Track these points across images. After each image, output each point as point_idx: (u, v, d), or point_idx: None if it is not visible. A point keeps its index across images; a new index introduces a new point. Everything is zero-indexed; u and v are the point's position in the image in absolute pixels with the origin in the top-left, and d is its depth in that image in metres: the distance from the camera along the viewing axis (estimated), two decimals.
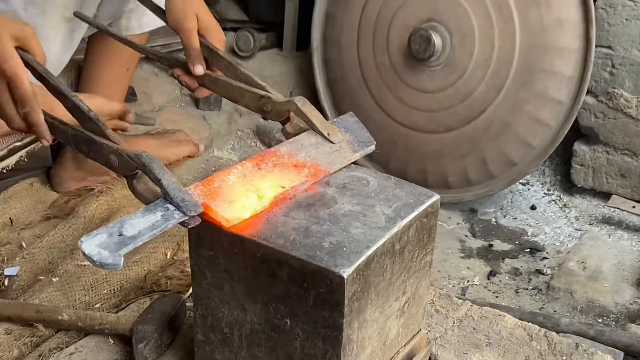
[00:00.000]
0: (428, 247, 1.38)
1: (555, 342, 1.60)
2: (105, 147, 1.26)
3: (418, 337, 1.46)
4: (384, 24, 3.06)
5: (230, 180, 1.28)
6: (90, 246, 1.06)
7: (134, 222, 1.10)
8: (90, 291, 1.74)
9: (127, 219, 1.11)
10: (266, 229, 1.21)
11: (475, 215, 3.02)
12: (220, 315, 1.30)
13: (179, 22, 1.72)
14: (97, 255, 1.05)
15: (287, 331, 1.23)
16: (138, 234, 1.09)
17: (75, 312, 1.61)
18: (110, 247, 1.06)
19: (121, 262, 1.06)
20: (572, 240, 2.81)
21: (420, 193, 1.36)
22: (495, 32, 2.81)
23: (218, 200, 1.22)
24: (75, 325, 1.61)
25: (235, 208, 1.22)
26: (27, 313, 1.64)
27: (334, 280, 1.14)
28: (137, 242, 1.08)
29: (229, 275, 1.26)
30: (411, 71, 3.00)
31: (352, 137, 1.49)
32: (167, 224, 1.12)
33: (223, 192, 1.24)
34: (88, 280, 1.78)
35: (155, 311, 1.55)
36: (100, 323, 1.58)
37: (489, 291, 2.54)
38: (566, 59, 2.77)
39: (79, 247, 1.06)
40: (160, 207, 1.14)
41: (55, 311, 1.63)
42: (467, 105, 2.90)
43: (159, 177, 1.19)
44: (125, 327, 1.55)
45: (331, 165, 1.39)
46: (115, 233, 1.08)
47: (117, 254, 1.06)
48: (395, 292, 1.30)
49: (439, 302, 1.72)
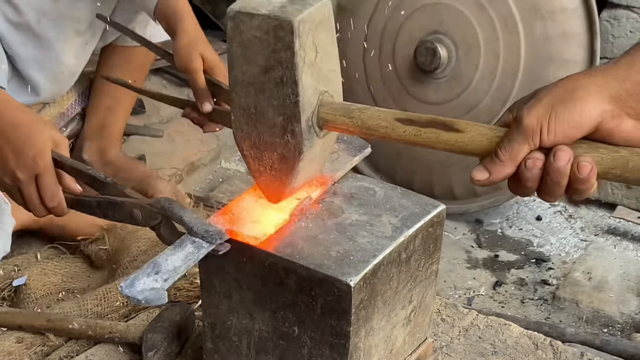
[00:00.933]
0: (434, 257, 1.40)
1: (560, 351, 1.62)
2: (127, 204, 1.33)
3: (424, 346, 1.48)
4: (390, 36, 3.08)
5: (245, 203, 1.32)
6: (134, 291, 1.11)
7: (167, 260, 1.16)
8: (102, 302, 1.76)
9: (158, 258, 1.17)
10: (274, 239, 1.23)
11: (481, 226, 3.03)
12: (228, 324, 1.32)
13: (186, 63, 1.78)
14: (142, 295, 1.11)
15: (295, 339, 1.25)
16: (174, 268, 1.15)
17: (86, 321, 1.64)
18: (152, 286, 1.12)
19: (166, 297, 1.12)
20: (578, 251, 2.82)
21: (426, 203, 1.38)
22: (501, 45, 2.83)
23: (241, 223, 1.26)
24: (86, 334, 1.63)
25: (260, 226, 1.25)
26: (38, 322, 1.66)
27: (341, 288, 1.15)
28: (176, 276, 1.14)
29: (238, 284, 1.27)
30: (417, 83, 3.02)
31: (346, 145, 1.52)
32: (199, 253, 1.18)
33: (242, 215, 1.28)
34: (100, 290, 1.79)
35: (164, 320, 1.57)
36: (110, 332, 1.60)
37: (494, 301, 2.55)
38: (571, 71, 2.77)
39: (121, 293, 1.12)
40: (188, 241, 1.20)
41: (66, 320, 1.66)
42: (472, 117, 2.92)
43: (180, 215, 1.25)
44: (135, 336, 1.56)
45: (335, 172, 1.42)
46: (152, 273, 1.14)
47: (161, 290, 1.12)
48: (401, 301, 1.32)
49: (445, 311, 1.73)
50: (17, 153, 1.42)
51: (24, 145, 1.42)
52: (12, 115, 1.46)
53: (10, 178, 1.44)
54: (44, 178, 1.43)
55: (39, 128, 1.45)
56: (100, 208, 1.38)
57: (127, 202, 1.34)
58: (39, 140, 1.43)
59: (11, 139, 1.43)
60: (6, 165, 1.43)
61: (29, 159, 1.41)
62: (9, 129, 1.43)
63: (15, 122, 1.44)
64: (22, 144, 1.42)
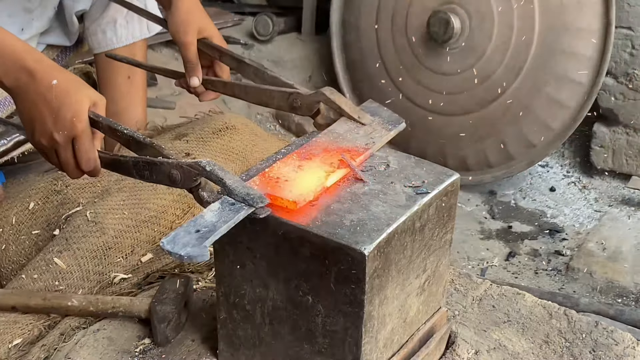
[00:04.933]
0: (448, 226, 1.39)
1: (574, 320, 1.61)
2: (166, 165, 1.31)
3: (438, 315, 1.48)
4: (402, 7, 3.07)
5: (284, 171, 1.31)
6: (175, 246, 1.11)
7: (205, 220, 1.16)
8: (103, 259, 1.73)
9: (198, 218, 1.16)
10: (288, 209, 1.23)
11: (494, 197, 3.03)
12: (242, 293, 1.32)
13: (178, 35, 1.78)
14: (184, 251, 1.11)
15: (308, 308, 1.25)
16: (214, 227, 1.14)
17: (85, 297, 1.60)
18: (193, 243, 1.12)
19: (208, 254, 1.11)
20: (592, 222, 2.81)
21: (440, 172, 1.38)
22: (515, 14, 2.81)
23: (280, 188, 1.25)
24: (87, 311, 1.58)
25: (298, 191, 1.24)
26: (34, 301, 1.59)
27: (355, 257, 1.15)
28: (217, 235, 1.14)
29: (252, 253, 1.27)
30: (430, 54, 3.00)
31: (380, 119, 1.52)
32: (237, 215, 1.17)
33: (282, 181, 1.28)
34: (98, 243, 1.74)
35: (169, 292, 1.56)
36: (113, 307, 1.57)
37: (508, 272, 2.55)
38: (585, 40, 2.76)
39: (162, 248, 1.12)
40: (226, 203, 1.19)
41: (64, 297, 1.60)
42: (486, 88, 2.91)
43: (221, 177, 1.23)
44: (140, 309, 1.55)
45: (372, 144, 1.42)
46: (193, 230, 1.14)
47: (203, 246, 1.11)
48: (415, 270, 1.32)
49: (458, 281, 1.73)
50: (54, 114, 1.38)
51: (61, 107, 1.37)
52: (48, 75, 1.40)
53: (48, 139, 1.40)
54: (81, 142, 1.40)
55: (75, 87, 1.40)
56: (137, 168, 1.35)
57: (166, 163, 1.31)
58: (75, 102, 1.38)
59: (48, 100, 1.38)
60: (44, 126, 1.39)
61: (66, 120, 1.37)
62: (44, 90, 1.38)
63: (50, 82, 1.38)
64: (60, 105, 1.37)
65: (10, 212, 1.86)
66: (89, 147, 1.41)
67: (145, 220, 1.81)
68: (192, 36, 1.77)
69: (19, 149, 2.08)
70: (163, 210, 1.85)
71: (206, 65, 1.84)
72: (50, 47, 2.24)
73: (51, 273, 1.68)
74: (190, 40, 1.77)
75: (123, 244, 1.76)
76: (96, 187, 1.91)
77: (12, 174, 2.10)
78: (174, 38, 1.80)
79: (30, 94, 1.39)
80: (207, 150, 1.99)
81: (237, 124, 2.12)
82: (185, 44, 1.76)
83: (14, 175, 2.08)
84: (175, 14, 1.78)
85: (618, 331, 1.58)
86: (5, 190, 1.97)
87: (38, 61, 1.41)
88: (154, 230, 1.82)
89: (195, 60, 1.78)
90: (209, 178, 1.26)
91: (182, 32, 1.77)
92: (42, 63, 1.41)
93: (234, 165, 2.00)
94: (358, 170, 1.33)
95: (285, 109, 1.62)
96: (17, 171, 2.17)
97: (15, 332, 1.56)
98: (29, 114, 1.41)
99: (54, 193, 1.90)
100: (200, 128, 2.07)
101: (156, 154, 1.36)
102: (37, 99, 1.39)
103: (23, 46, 1.42)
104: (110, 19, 2.17)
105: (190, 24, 1.78)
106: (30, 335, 1.58)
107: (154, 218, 1.82)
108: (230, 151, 2.03)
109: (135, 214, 1.80)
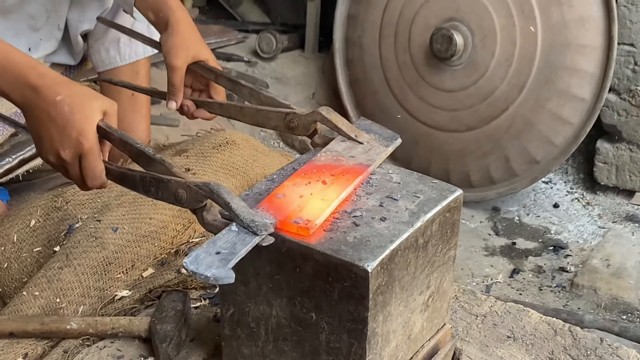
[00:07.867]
0: (451, 242, 1.39)
1: (579, 336, 1.60)
2: (173, 183, 1.29)
3: (443, 332, 1.47)
4: (405, 24, 3.08)
5: (291, 193, 1.31)
6: (199, 267, 1.10)
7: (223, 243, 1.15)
8: (103, 275, 1.72)
9: (215, 240, 1.16)
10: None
11: (498, 214, 3.02)
12: (246, 310, 1.32)
13: (169, 58, 1.77)
14: (209, 272, 1.09)
15: (312, 325, 1.24)
16: (234, 249, 1.14)
17: (84, 319, 1.58)
18: (217, 264, 1.11)
19: (233, 276, 1.10)
20: (596, 238, 2.80)
21: (443, 188, 1.37)
22: (517, 31, 2.81)
23: (290, 214, 1.24)
24: (86, 333, 1.56)
25: (308, 216, 1.24)
26: (32, 326, 1.57)
27: (359, 274, 1.15)
28: (237, 258, 1.13)
29: (255, 271, 1.27)
30: (433, 70, 3.01)
31: (376, 136, 1.52)
32: (247, 247, 1.15)
33: (291, 205, 1.27)
34: (98, 259, 1.73)
35: (167, 309, 1.55)
36: (112, 327, 1.55)
37: (512, 289, 2.54)
38: (588, 57, 2.77)
39: (186, 269, 1.11)
40: (234, 231, 1.18)
41: (62, 320, 1.58)
42: (489, 104, 2.91)
43: (227, 202, 1.21)
44: (140, 329, 1.54)
45: (371, 162, 1.42)
46: (213, 252, 1.13)
47: (228, 269, 1.10)
48: (419, 286, 1.31)
49: (462, 297, 1.72)
50: (59, 132, 1.36)
51: (66, 124, 1.35)
52: (52, 91, 1.37)
53: (55, 157, 1.39)
54: (87, 160, 1.38)
55: (80, 103, 1.38)
56: (144, 184, 1.33)
57: (173, 181, 1.29)
58: (80, 119, 1.36)
59: (52, 117, 1.36)
60: (51, 143, 1.38)
61: (72, 139, 1.36)
62: (49, 106, 1.36)
63: (55, 98, 1.36)
64: (65, 123, 1.35)
65: (12, 230, 1.86)
66: (95, 165, 1.40)
67: (145, 235, 1.80)
68: (182, 61, 1.77)
69: (23, 166, 2.08)
70: (163, 226, 1.84)
71: (201, 88, 1.85)
72: (54, 65, 2.25)
73: (52, 290, 1.67)
74: (178, 65, 1.76)
75: (123, 258, 1.75)
76: (96, 202, 1.90)
77: (16, 192, 2.10)
78: (165, 60, 1.80)
79: (35, 110, 1.38)
80: (207, 166, 1.99)
81: (238, 139, 2.12)
82: (173, 67, 1.76)
83: (19, 193, 2.08)
84: (169, 37, 1.79)
85: (623, 347, 1.57)
86: (9, 207, 1.97)
87: (42, 76, 1.39)
88: (155, 245, 1.81)
89: (179, 85, 1.77)
90: (215, 201, 1.24)
91: (172, 55, 1.77)
92: (46, 78, 1.39)
93: (235, 180, 2.00)
94: (361, 187, 1.33)
95: (282, 129, 1.61)
96: (22, 189, 2.18)
97: (18, 352, 1.55)
98: (36, 131, 1.40)
99: (55, 210, 1.89)
100: (201, 143, 2.07)
101: (165, 172, 1.34)
102: (42, 116, 1.38)
103: (28, 61, 1.41)
104: (114, 37, 2.19)
105: (183, 48, 1.78)
106: (34, 353, 1.57)
107: (154, 233, 1.81)
108: (230, 166, 2.02)
109: (136, 229, 1.80)
